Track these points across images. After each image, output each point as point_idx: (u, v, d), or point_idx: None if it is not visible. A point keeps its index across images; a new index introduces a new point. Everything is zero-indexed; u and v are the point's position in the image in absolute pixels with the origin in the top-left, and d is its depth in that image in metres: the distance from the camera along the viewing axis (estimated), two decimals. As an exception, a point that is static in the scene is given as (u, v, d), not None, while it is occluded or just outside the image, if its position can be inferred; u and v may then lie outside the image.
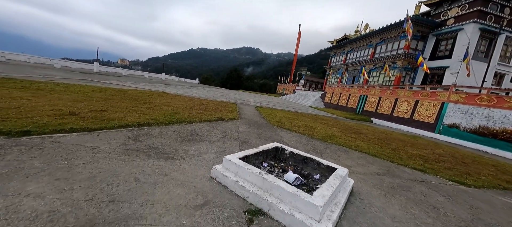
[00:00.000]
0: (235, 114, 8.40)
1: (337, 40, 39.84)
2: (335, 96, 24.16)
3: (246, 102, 15.47)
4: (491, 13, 18.86)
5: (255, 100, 18.81)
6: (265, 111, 10.90)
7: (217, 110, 8.57)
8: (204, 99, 12.28)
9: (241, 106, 12.05)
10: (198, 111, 7.39)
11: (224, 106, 10.10)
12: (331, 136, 6.88)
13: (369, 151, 5.62)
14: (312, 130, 7.56)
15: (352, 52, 33.26)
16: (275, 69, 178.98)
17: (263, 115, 9.63)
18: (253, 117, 8.76)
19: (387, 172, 4.23)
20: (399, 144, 7.46)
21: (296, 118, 10.23)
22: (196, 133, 4.80)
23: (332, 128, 8.99)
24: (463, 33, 19.51)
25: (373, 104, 16.86)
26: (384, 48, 26.32)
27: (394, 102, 14.78)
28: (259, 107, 12.91)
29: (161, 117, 5.58)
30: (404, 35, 23.52)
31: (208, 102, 10.89)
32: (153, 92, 11.06)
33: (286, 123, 8.14)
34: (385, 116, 15.31)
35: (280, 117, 9.64)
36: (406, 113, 13.64)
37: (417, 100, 13.07)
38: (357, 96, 19.50)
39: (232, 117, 7.48)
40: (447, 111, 11.27)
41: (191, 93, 15.45)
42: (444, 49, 21.45)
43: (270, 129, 6.61)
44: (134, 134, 3.98)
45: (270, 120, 8.43)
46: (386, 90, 15.88)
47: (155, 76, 41.43)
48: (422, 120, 12.44)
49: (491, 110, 10.01)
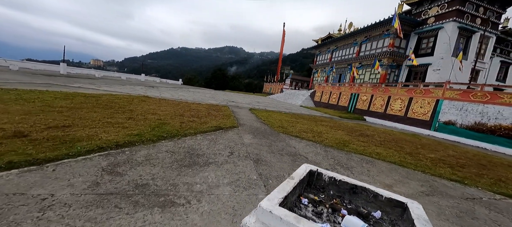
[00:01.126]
0: (232, 120, 7.38)
1: (322, 38, 40.17)
2: (325, 95, 24.01)
3: (238, 104, 14.43)
4: (468, 12, 19.82)
5: (246, 102, 17.83)
6: (262, 115, 10.00)
7: (211, 116, 7.48)
8: (193, 103, 11.04)
9: (234, 109, 11.02)
10: (190, 119, 6.26)
11: (217, 111, 9.01)
12: (343, 142, 6.18)
13: (393, 159, 4.98)
14: (320, 135, 6.82)
15: (338, 50, 33.61)
16: (259, 68, 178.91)
17: (261, 119, 8.72)
18: (252, 122, 7.81)
19: (432, 190, 3.55)
20: (410, 146, 7.01)
21: (297, 121, 9.47)
22: (195, 151, 3.75)
23: (337, 130, 8.36)
24: (444, 32, 20.30)
25: (365, 103, 16.79)
26: (369, 46, 26.77)
27: (387, 100, 14.74)
28: (253, 109, 11.97)
29: (147, 130, 4.42)
30: (388, 33, 24.07)
31: (198, 106, 9.70)
32: (133, 97, 9.60)
33: (290, 128, 7.32)
34: (378, 114, 15.24)
35: (280, 121, 8.80)
36: (400, 111, 13.61)
37: (411, 97, 13.07)
38: (348, 95, 19.42)
39: (230, 124, 6.46)
40: (442, 108, 11.30)
41: (177, 96, 14.04)
42: (425, 47, 22.22)
43: (277, 137, 5.72)
44: (111, 161, 2.84)
45: (272, 125, 7.55)
46: (379, 88, 15.84)
47: (133, 78, 38.46)
48: (417, 118, 12.43)
49: (485, 106, 10.12)
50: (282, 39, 46.66)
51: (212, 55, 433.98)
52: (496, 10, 20.89)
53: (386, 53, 23.57)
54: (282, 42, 46.44)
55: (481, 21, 20.77)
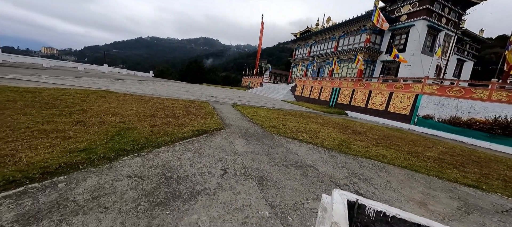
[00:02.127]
0: (216, 119, 6.28)
1: (300, 32, 40.15)
2: (306, 89, 23.89)
3: (218, 99, 13.19)
4: (435, 11, 21.14)
5: (226, 96, 16.60)
6: (248, 112, 9.03)
7: (191, 115, 6.27)
8: (167, 98, 9.55)
9: (216, 106, 9.83)
10: (165, 121, 5.01)
11: (197, 108, 7.77)
12: (343, 143, 5.58)
13: (401, 163, 4.49)
14: (316, 135, 6.14)
15: (316, 44, 33.85)
16: (236, 61, 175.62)
17: (249, 117, 7.75)
18: (239, 121, 6.80)
19: (464, 204, 3.04)
20: (405, 144, 6.77)
21: (286, 118, 8.72)
22: (174, 172, 2.66)
23: (329, 128, 7.83)
24: (415, 29, 21.42)
25: (347, 97, 16.92)
26: (347, 41, 27.32)
27: (368, 95, 14.93)
28: (236, 105, 10.91)
29: (101, 141, 3.15)
30: (365, 29, 24.71)
31: (174, 103, 8.30)
32: (90, 92, 7.78)
33: (282, 127, 6.51)
34: (359, 108, 15.42)
35: (268, 118, 7.95)
36: (380, 105, 13.86)
37: (391, 92, 13.33)
38: (330, 89, 19.45)
39: (215, 125, 5.37)
40: (421, 103, 11.66)
41: (147, 90, 12.23)
42: (398, 43, 23.32)
43: (273, 141, 4.84)
44: (24, 210, 1.64)
45: (262, 124, 6.65)
46: (360, 83, 15.99)
47: (93, 69, 33.68)
48: (397, 112, 12.73)
49: (460, 101, 10.60)
50: (260, 32, 45.58)
51: (186, 47, 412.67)
52: (458, 11, 22.73)
53: (363, 48, 24.21)
54: (260, 34, 45.38)
55: (446, 20, 22.44)
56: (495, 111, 9.55)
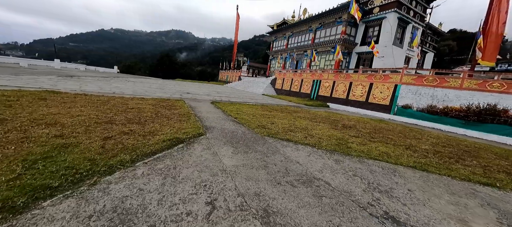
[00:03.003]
0: (194, 121, 5.23)
1: (277, 24, 39.58)
2: (286, 82, 23.50)
3: (195, 96, 11.91)
4: (405, 4, 22.11)
5: (204, 92, 15.28)
6: (230, 109, 8.07)
7: (162, 118, 5.13)
8: (133, 97, 8.08)
9: (192, 104, 8.66)
10: (125, 129, 3.85)
11: (169, 108, 6.57)
12: (341, 141, 5.03)
13: (407, 162, 4.06)
14: (309, 133, 5.51)
15: (293, 37, 33.64)
16: (211, 55, 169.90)
17: (232, 116, 6.82)
18: (222, 121, 5.85)
19: (500, 213, 2.60)
20: (397, 137, 6.53)
21: (272, 115, 7.98)
22: (130, 221, 1.67)
23: (319, 123, 7.30)
24: (387, 21, 22.21)
25: (328, 89, 16.86)
26: (324, 33, 27.47)
27: (349, 86, 14.97)
28: (216, 102, 9.84)
29: (9, 173, 1.98)
30: (341, 21, 25.00)
31: (140, 103, 6.95)
32: (24, 93, 6.04)
33: (271, 127, 5.75)
34: (341, 100, 15.43)
35: (254, 116, 7.11)
36: (361, 96, 13.96)
37: (371, 83, 13.46)
38: (311, 81, 19.27)
39: (193, 130, 4.36)
40: (400, 93, 11.91)
41: (109, 88, 10.43)
42: (372, 35, 24.04)
43: (266, 145, 4.04)
44: None
45: (248, 124, 5.79)
46: (340, 75, 15.96)
47: (41, 65, 28.63)
48: (378, 102, 12.90)
49: (435, 90, 10.98)
50: (236, 23, 43.93)
51: (156, 40, 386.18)
52: (423, 4, 24.17)
53: (339, 40, 24.52)
54: (236, 26, 43.76)
55: (413, 13, 23.72)
56: (466, 99, 10.04)
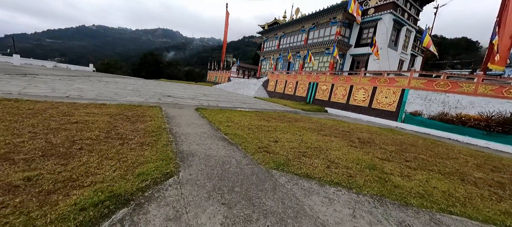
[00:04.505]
0: (163, 144, 3.50)
1: (268, 24, 38.26)
2: (280, 84, 22.07)
3: (177, 100, 10.05)
4: (400, 6, 21.57)
5: (189, 95, 13.40)
6: (219, 119, 6.37)
7: (113, 140, 3.36)
8: (88, 104, 6.14)
9: (171, 112, 6.86)
10: (19, 174, 2.07)
11: (134, 121, 4.77)
12: (377, 174, 3.56)
13: (496, 218, 2.63)
14: (330, 158, 4.00)
15: (285, 37, 32.46)
16: (199, 55, 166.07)
17: (221, 130, 5.14)
18: (207, 141, 4.16)
19: None
20: (431, 158, 5.19)
21: (272, 127, 6.39)
22: None
23: (332, 138, 5.82)
24: (382, 23, 21.52)
25: (326, 93, 15.59)
26: (317, 34, 26.47)
27: (349, 90, 13.77)
28: (202, 109, 8.08)
29: None
30: (335, 21, 24.06)
31: (94, 112, 5.07)
32: None
33: (276, 147, 4.17)
34: (340, 104, 14.19)
35: (250, 129, 5.49)
36: (363, 101, 12.79)
37: (375, 87, 12.31)
38: (306, 84, 17.94)
39: (158, 165, 2.66)
40: (408, 98, 10.82)
41: (64, 91, 8.33)
42: (366, 37, 23.33)
43: (277, 193, 2.44)
44: None
45: (244, 145, 4.15)
46: (340, 77, 14.74)
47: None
48: (382, 108, 11.76)
49: (446, 96, 9.97)
50: (225, 22, 42.08)
51: (141, 38, 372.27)
52: (417, 7, 23.86)
53: (334, 41, 23.56)
54: (225, 25, 41.91)
55: (408, 16, 23.31)
56: (481, 106, 9.08)
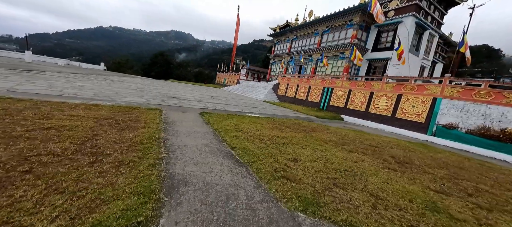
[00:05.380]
0: (149, 164, 2.62)
1: (280, 26, 37.46)
2: (291, 88, 21.03)
3: (182, 102, 9.29)
4: (423, 8, 20.09)
5: (195, 97, 12.66)
6: (224, 126, 5.47)
7: (85, 157, 2.50)
8: (79, 104, 5.42)
9: (172, 116, 6.03)
10: None
11: (123, 128, 3.94)
12: (436, 212, 2.49)
13: None
14: (370, 189, 2.97)
15: (297, 40, 31.47)
16: (210, 57, 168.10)
17: (227, 141, 4.22)
18: (208, 158, 3.25)
19: None
20: (496, 189, 4.02)
21: (287, 138, 5.41)
22: None
23: (361, 155, 4.75)
24: (403, 26, 20.10)
25: (342, 99, 14.40)
26: (332, 37, 25.30)
27: (369, 97, 12.54)
28: (207, 114, 7.22)
29: None
30: (351, 24, 22.83)
31: (81, 115, 4.30)
32: None
33: (296, 170, 3.20)
34: (358, 112, 12.97)
35: (262, 142, 4.54)
36: (385, 110, 11.53)
37: (399, 94, 11.04)
38: (320, 89, 16.81)
39: (120, 217, 1.76)
40: (441, 108, 9.50)
41: (60, 88, 7.74)
42: (385, 41, 21.93)
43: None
44: None
45: (256, 165, 3.20)
46: (358, 83, 13.53)
47: (10, 56, 24.87)
48: (409, 119, 10.47)
49: (487, 107, 8.61)
50: (236, 24, 41.68)
51: (155, 40, 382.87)
52: (441, 10, 22.23)
53: (349, 45, 22.32)
54: (236, 26, 41.49)
55: (431, 19, 21.73)
56: (533, 121, 7.67)
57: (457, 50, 10.28)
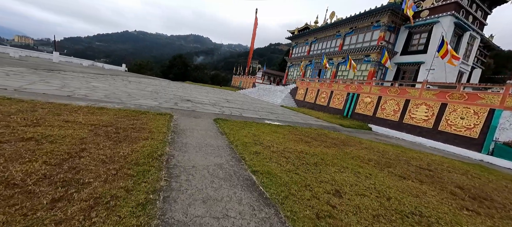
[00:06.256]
0: (134, 205, 1.80)
1: (298, 29, 36.30)
2: (310, 93, 19.80)
3: (196, 106, 8.64)
4: (464, 7, 17.92)
5: (210, 100, 12.04)
6: (241, 138, 4.60)
7: (43, 190, 1.75)
8: (84, 106, 4.88)
9: (182, 123, 5.31)
10: None
11: (119, 141, 3.22)
12: None
13: None
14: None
15: (317, 43, 30.09)
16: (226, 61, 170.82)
17: (246, 160, 3.33)
18: (223, 189, 2.38)
19: None
20: None
21: (317, 154, 4.40)
22: None
23: (416, 184, 3.60)
24: (439, 26, 18.04)
25: (370, 106, 12.94)
26: (355, 39, 23.69)
27: (404, 105, 11.01)
28: (221, 121, 6.42)
29: None
30: (378, 24, 21.11)
31: (74, 122, 3.69)
32: None
33: (348, 215, 2.20)
34: (390, 122, 11.46)
35: (287, 159, 3.59)
36: (425, 121, 9.96)
37: (444, 103, 9.45)
38: (344, 95, 15.45)
39: None
40: (501, 122, 7.85)
41: (73, 88, 7.43)
42: (417, 43, 19.91)
43: None
44: None
45: (290, 205, 2.27)
46: (390, 89, 12.02)
47: (41, 57, 26.24)
48: (456, 133, 8.85)
49: None
50: (254, 26, 41.25)
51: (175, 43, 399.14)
52: (485, 9, 19.73)
53: (375, 47, 20.59)
54: (254, 28, 41.05)
55: (473, 19, 19.35)
56: None
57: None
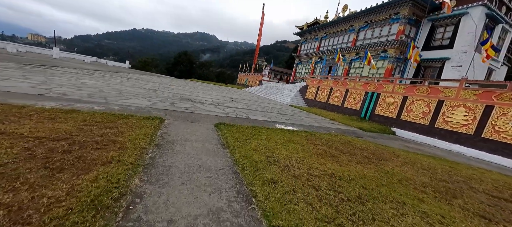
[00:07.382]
0: None
1: (307, 24, 34.63)
2: (322, 92, 18.36)
3: (197, 106, 7.49)
4: (498, -4, 15.99)
5: (213, 99, 10.90)
6: (249, 152, 3.39)
7: None
8: (41, 111, 3.80)
9: (173, 131, 4.16)
10: None
11: (58, 172, 2.07)
12: None
13: None
14: None
15: (328, 38, 28.48)
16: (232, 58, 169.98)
17: (258, 201, 2.13)
18: None
19: None
20: None
21: (353, 178, 3.14)
22: None
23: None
24: (468, 18, 16.21)
25: (393, 107, 11.46)
26: (370, 34, 21.99)
27: (436, 107, 9.52)
28: (223, 126, 5.23)
29: None
30: (398, 17, 19.36)
31: (16, 132, 2.59)
32: None
33: None
34: (418, 126, 9.99)
35: (316, 189, 2.36)
36: (464, 126, 8.47)
37: (489, 106, 7.94)
38: (361, 94, 13.97)
39: None
40: None
41: (51, 87, 6.42)
42: (441, 37, 18.09)
43: None
44: None
45: None
46: (419, 87, 10.50)
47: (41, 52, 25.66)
48: (506, 141, 7.36)
49: None
50: (261, 22, 39.83)
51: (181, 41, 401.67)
52: (521, -2, 17.68)
53: (393, 42, 18.89)
54: (260, 25, 39.64)
55: (506, 10, 17.37)
56: None
57: None
